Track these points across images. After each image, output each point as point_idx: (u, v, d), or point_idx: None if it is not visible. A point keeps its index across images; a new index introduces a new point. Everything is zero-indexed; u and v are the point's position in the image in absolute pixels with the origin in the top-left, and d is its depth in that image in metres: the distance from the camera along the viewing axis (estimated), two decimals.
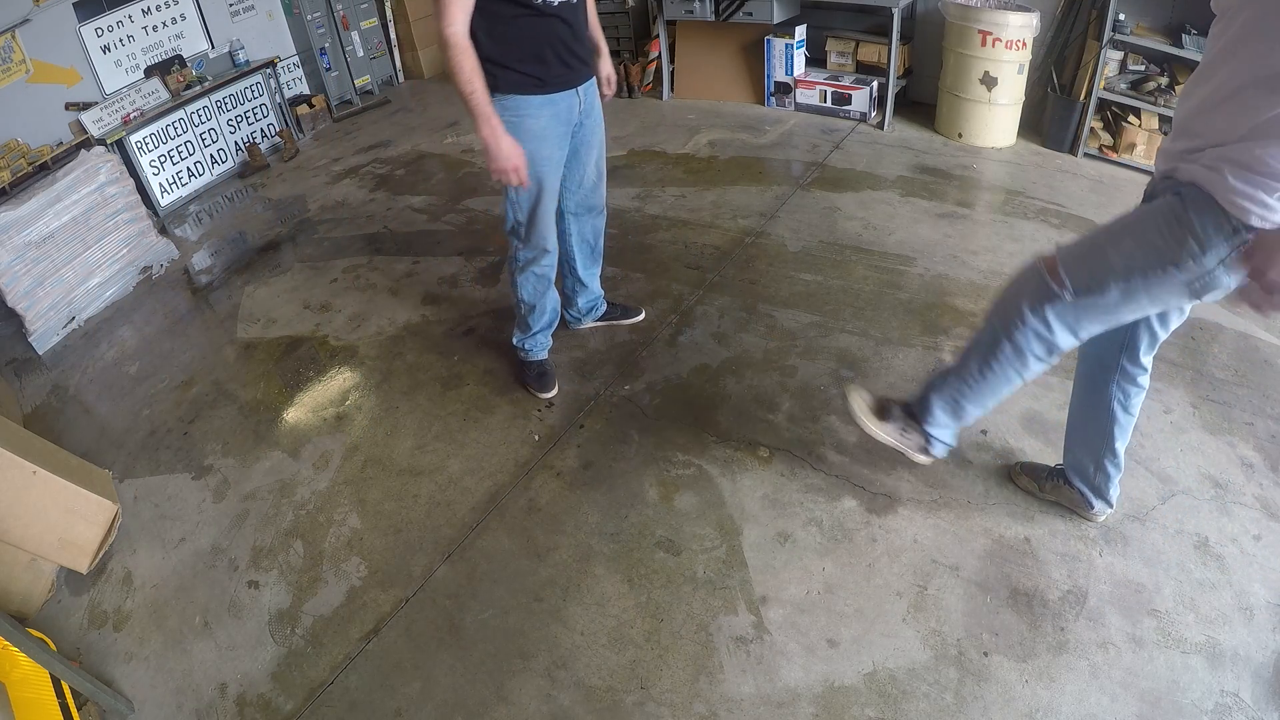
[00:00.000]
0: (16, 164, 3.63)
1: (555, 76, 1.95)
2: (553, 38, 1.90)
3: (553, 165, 2.07)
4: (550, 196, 2.12)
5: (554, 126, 2.01)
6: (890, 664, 1.60)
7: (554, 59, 1.92)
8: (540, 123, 1.97)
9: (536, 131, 1.97)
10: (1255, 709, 1.45)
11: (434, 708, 1.65)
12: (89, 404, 2.88)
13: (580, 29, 1.97)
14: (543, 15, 1.85)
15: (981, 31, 3.58)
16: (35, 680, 1.60)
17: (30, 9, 3.81)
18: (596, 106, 2.15)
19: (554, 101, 1.98)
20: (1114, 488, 1.77)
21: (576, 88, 2.02)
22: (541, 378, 2.47)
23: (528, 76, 1.90)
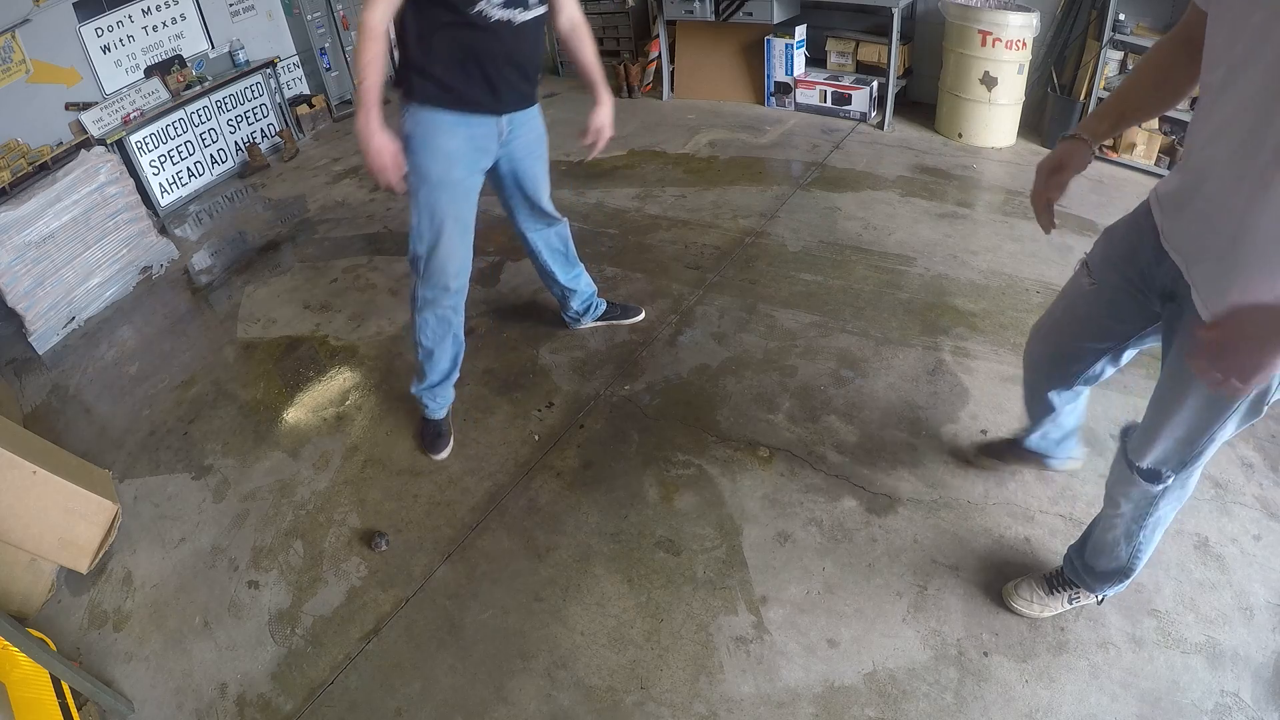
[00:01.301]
0: (16, 164, 3.63)
1: (474, 98, 1.79)
2: (481, 55, 1.74)
3: (459, 193, 1.90)
4: (457, 228, 1.94)
5: (466, 152, 1.86)
6: (890, 664, 1.60)
7: (477, 78, 1.77)
8: (452, 144, 1.82)
9: (445, 152, 1.82)
10: (1255, 709, 1.45)
11: (434, 708, 1.65)
12: (89, 404, 2.88)
13: (523, 53, 1.81)
14: (474, 28, 1.69)
15: (981, 31, 3.58)
16: (35, 680, 1.60)
17: (30, 9, 3.81)
18: (531, 137, 2.02)
19: (469, 123, 1.83)
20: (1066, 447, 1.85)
21: (500, 116, 1.86)
22: (435, 440, 2.25)
23: (444, 90, 1.77)
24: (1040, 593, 1.64)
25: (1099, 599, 1.63)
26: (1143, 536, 1.43)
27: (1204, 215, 1.07)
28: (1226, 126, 1.00)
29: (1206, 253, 1.08)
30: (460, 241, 1.98)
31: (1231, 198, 1.00)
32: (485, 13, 1.69)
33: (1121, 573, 1.50)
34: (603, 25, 5.45)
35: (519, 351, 2.70)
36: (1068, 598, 1.62)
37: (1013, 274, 2.79)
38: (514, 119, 1.93)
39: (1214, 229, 1.05)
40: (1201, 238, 1.09)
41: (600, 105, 2.07)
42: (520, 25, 1.75)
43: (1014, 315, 2.57)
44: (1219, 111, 1.01)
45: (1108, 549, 1.49)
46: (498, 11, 1.69)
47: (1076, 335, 1.48)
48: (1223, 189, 1.02)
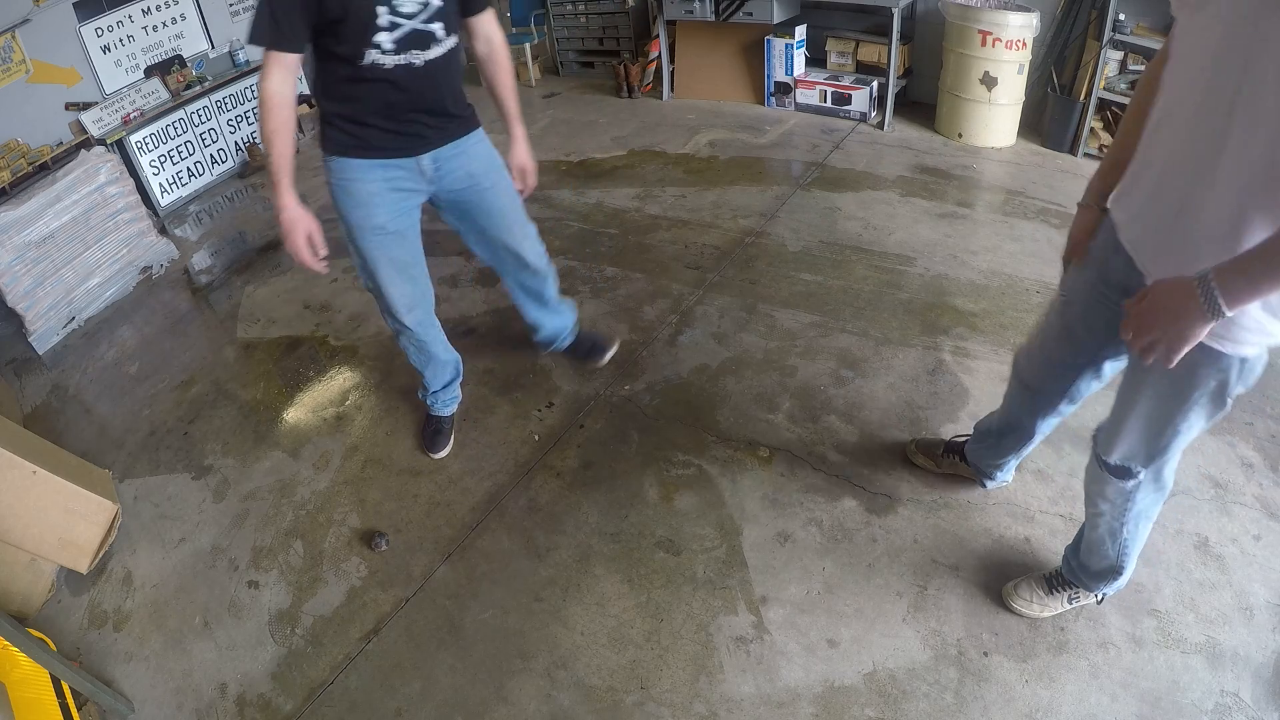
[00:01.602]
0: (16, 164, 3.63)
1: (382, 145, 1.73)
2: (380, 103, 1.67)
3: (386, 238, 1.84)
4: (393, 270, 1.90)
5: (384, 196, 1.78)
6: (890, 664, 1.60)
7: (380, 125, 1.70)
8: (367, 190, 1.76)
9: (362, 199, 1.77)
10: (1255, 709, 1.45)
11: (434, 708, 1.65)
12: (89, 404, 2.88)
13: (430, 94, 1.71)
14: (371, 78, 1.62)
15: (981, 31, 3.58)
16: (35, 680, 1.60)
17: (30, 9, 3.81)
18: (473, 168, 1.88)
19: (385, 167, 1.76)
20: (1010, 472, 1.89)
21: (417, 156, 1.78)
22: (434, 436, 2.28)
23: (351, 138, 1.71)
24: (1040, 593, 1.64)
25: (1098, 598, 1.63)
26: (1126, 533, 1.44)
27: (1151, 199, 1.12)
28: (1173, 110, 1.06)
29: (1154, 235, 1.13)
30: (401, 280, 1.93)
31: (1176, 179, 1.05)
32: (378, 63, 1.60)
33: (1113, 570, 1.51)
34: (603, 25, 5.46)
35: (519, 351, 2.69)
36: (1067, 597, 1.62)
37: (1013, 274, 2.78)
38: (439, 155, 1.81)
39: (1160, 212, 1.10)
40: (1149, 222, 1.13)
41: (515, 142, 1.98)
42: (425, 66, 1.65)
43: (1014, 315, 2.57)
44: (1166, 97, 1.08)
45: (1096, 548, 1.50)
46: (391, 59, 1.60)
47: (1056, 351, 1.50)
48: (1169, 170, 1.07)
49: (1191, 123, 1.01)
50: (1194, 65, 1.01)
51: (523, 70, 5.86)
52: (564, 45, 5.76)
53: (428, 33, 1.62)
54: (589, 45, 5.63)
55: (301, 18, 1.53)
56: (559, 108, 5.24)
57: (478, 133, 1.89)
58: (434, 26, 1.63)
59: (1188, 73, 1.02)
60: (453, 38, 1.69)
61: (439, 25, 1.63)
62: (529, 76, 5.80)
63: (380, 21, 1.55)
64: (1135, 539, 1.46)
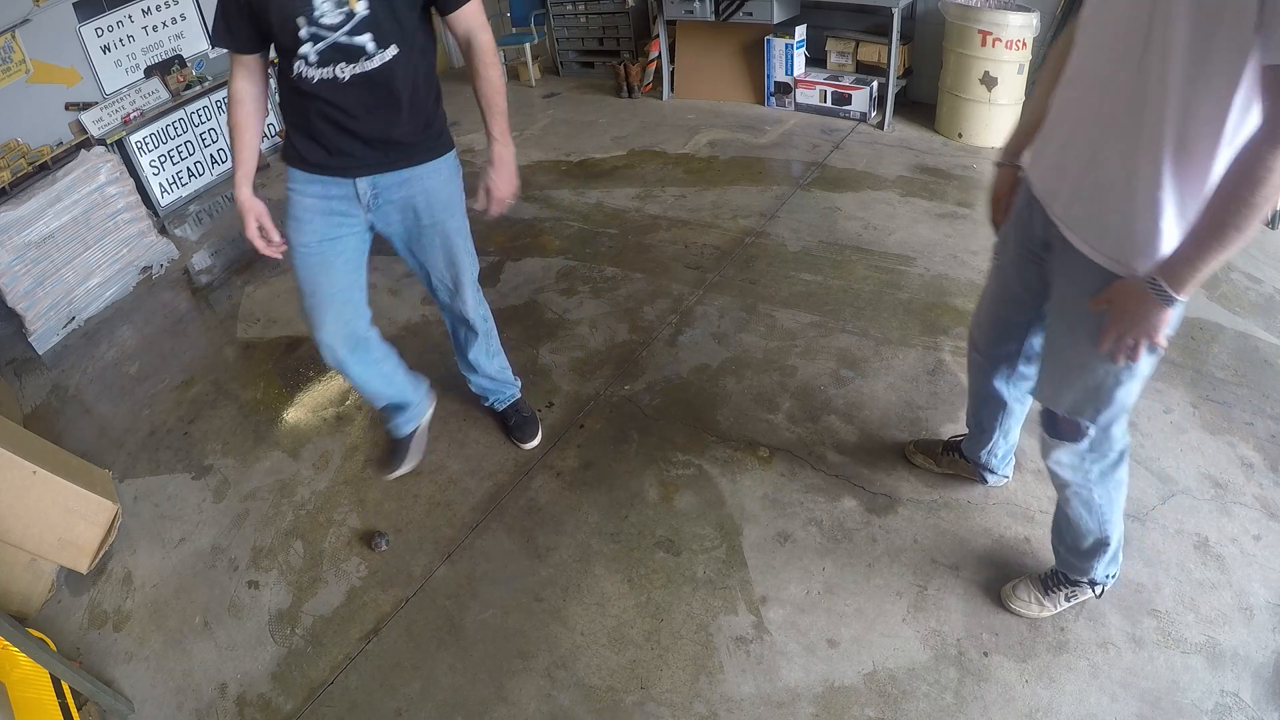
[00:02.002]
0: (16, 164, 3.63)
1: (315, 158, 1.64)
2: (316, 117, 1.58)
3: (311, 259, 1.71)
4: (312, 296, 1.75)
5: (315, 213, 1.68)
6: (890, 664, 1.60)
7: (316, 140, 1.62)
8: (300, 204, 1.68)
9: (294, 213, 1.68)
10: (1255, 709, 1.45)
11: (434, 708, 1.65)
12: (89, 404, 2.88)
13: (360, 114, 1.56)
14: (302, 91, 1.54)
15: (981, 31, 3.58)
16: (35, 680, 1.60)
17: (30, 9, 3.82)
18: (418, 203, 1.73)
19: (323, 183, 1.66)
20: (1007, 463, 1.89)
21: (353, 178, 1.64)
22: (390, 454, 2.17)
23: (291, 147, 1.66)
24: (1037, 593, 1.64)
25: (1097, 592, 1.63)
26: (1099, 497, 1.44)
27: (1063, 153, 1.20)
28: (1084, 69, 1.14)
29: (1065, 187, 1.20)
30: (316, 307, 1.75)
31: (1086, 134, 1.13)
32: (304, 75, 1.51)
33: (1100, 544, 1.52)
34: (603, 25, 5.46)
35: (519, 351, 2.70)
36: (1065, 595, 1.62)
37: None
38: (379, 182, 1.66)
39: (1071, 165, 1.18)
40: (1061, 175, 1.21)
41: (491, 159, 1.70)
42: (354, 81, 1.51)
43: None
44: (1077, 57, 1.16)
45: (1076, 524, 1.51)
46: (315, 71, 1.49)
47: (999, 313, 1.56)
48: (1080, 126, 1.15)
49: (1101, 82, 1.09)
50: (1103, 28, 1.09)
51: (523, 70, 5.86)
52: (564, 45, 5.76)
53: (354, 46, 1.48)
54: (589, 45, 5.63)
55: (248, 21, 1.51)
56: (559, 108, 5.24)
57: (437, 163, 1.71)
58: (361, 39, 1.48)
59: (1098, 36, 1.11)
60: (391, 50, 1.51)
61: (367, 37, 1.48)
62: (529, 76, 5.80)
63: (301, 34, 1.46)
64: (1111, 503, 1.46)
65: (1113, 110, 1.08)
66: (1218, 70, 0.94)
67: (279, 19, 1.46)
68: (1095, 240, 1.17)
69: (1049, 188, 1.26)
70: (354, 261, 1.78)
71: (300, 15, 1.45)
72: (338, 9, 1.45)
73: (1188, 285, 1.04)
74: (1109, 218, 1.14)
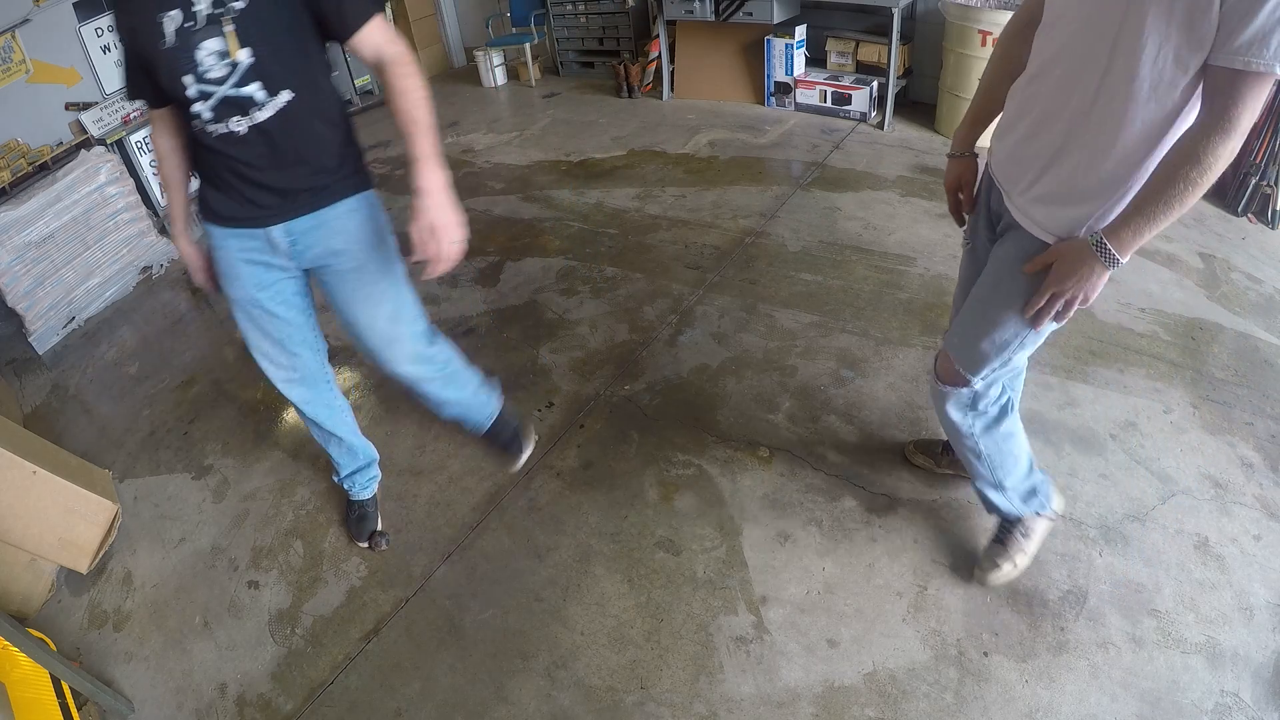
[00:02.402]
0: (16, 164, 3.63)
1: (225, 211, 1.56)
2: (222, 171, 1.51)
3: (246, 311, 1.66)
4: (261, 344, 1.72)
5: (240, 265, 1.61)
6: (890, 664, 1.60)
7: (224, 193, 1.54)
8: (226, 255, 1.61)
9: (222, 266, 1.63)
10: (1255, 709, 1.45)
11: (434, 708, 1.65)
12: (89, 404, 2.88)
13: (263, 165, 1.49)
14: (205, 145, 1.48)
15: (981, 31, 3.58)
16: (35, 680, 1.60)
17: (30, 9, 3.81)
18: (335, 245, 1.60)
19: (237, 236, 1.58)
20: None
21: (265, 227, 1.56)
22: (359, 523, 2.06)
23: (202, 202, 1.59)
24: (1001, 552, 1.68)
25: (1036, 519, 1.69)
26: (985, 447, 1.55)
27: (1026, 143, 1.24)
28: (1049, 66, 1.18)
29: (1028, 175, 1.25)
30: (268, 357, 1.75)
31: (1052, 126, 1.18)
32: (204, 129, 1.44)
33: (997, 487, 1.61)
34: (603, 25, 5.46)
35: (519, 351, 2.70)
36: (1019, 534, 1.68)
37: None
38: (293, 227, 1.57)
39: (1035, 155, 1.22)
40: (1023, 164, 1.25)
41: (419, 195, 1.42)
42: (251, 133, 1.43)
43: None
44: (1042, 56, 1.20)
45: (972, 470, 1.62)
46: (212, 126, 1.43)
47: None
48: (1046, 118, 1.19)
49: (1068, 79, 1.14)
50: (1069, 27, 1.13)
51: (523, 70, 5.87)
52: (564, 45, 5.76)
53: (243, 98, 1.40)
54: (589, 45, 5.64)
55: (147, 78, 1.44)
56: (559, 108, 5.24)
57: (351, 201, 1.59)
58: (249, 90, 1.39)
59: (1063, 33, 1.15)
60: (284, 95, 1.42)
61: (256, 86, 1.39)
62: (529, 76, 5.81)
63: (190, 93, 1.38)
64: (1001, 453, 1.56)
65: (1079, 107, 1.12)
66: (1184, 71, 1.00)
67: (168, 79, 1.39)
68: (1050, 226, 1.24)
69: (1008, 175, 1.32)
70: (296, 304, 1.71)
71: (187, 74, 1.37)
72: (221, 61, 1.36)
73: (1129, 248, 1.13)
74: (1069, 209, 1.20)
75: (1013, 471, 1.60)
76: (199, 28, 1.34)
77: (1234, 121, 0.98)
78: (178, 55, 1.36)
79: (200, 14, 1.34)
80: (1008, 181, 1.31)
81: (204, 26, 1.34)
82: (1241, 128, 0.99)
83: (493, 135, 4.79)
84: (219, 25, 1.35)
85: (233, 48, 1.35)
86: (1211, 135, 1.00)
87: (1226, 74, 0.97)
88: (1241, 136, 1.00)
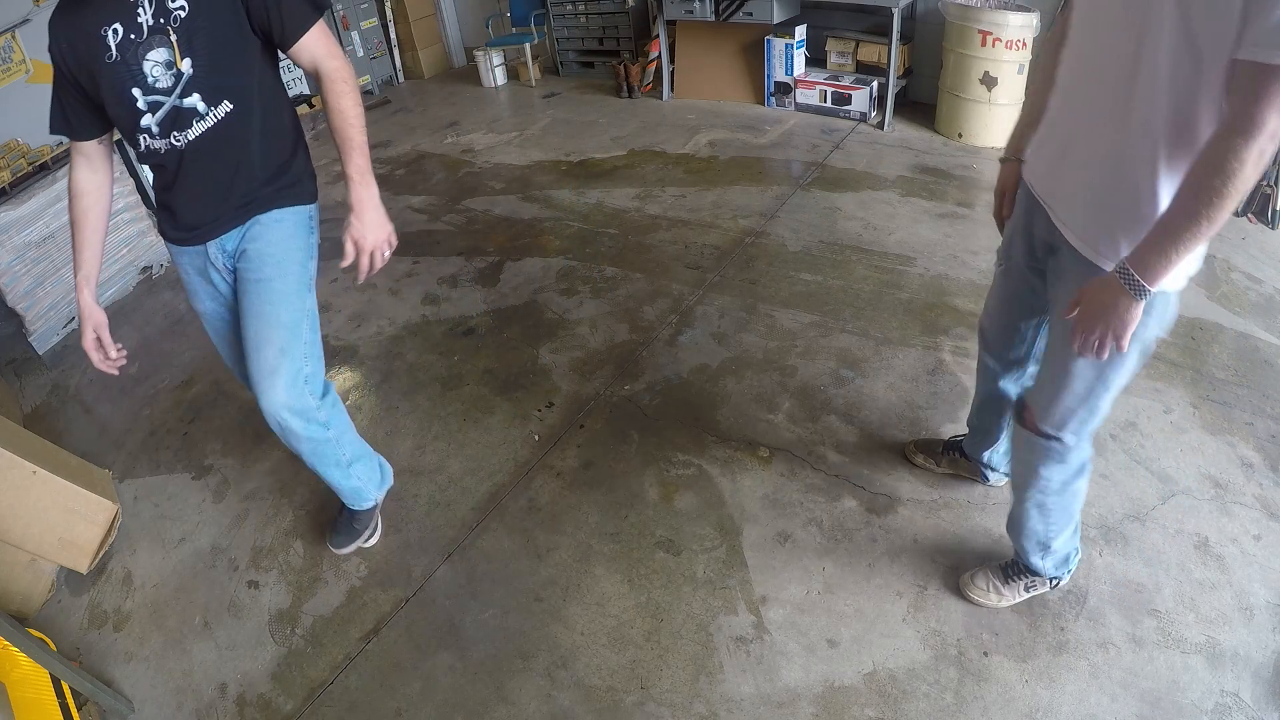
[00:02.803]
0: (16, 164, 3.62)
1: (174, 232, 1.58)
2: (170, 188, 1.52)
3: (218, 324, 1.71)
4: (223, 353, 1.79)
5: (196, 280, 1.65)
6: (890, 664, 1.60)
7: (170, 210, 1.56)
8: (186, 274, 1.66)
9: (185, 281, 1.67)
10: (1255, 709, 1.45)
11: (434, 708, 1.65)
12: (89, 404, 2.88)
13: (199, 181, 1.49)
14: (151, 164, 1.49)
15: (981, 31, 3.58)
16: (35, 680, 1.60)
17: (30, 9, 3.82)
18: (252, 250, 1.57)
19: (184, 253, 1.62)
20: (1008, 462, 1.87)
21: (203, 244, 1.56)
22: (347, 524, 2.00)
23: (159, 221, 1.63)
24: (996, 582, 1.66)
25: (1052, 583, 1.65)
26: (1054, 505, 1.47)
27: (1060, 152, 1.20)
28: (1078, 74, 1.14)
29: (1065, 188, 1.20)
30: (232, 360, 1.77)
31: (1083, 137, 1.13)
32: (150, 147, 1.44)
33: (1043, 547, 1.55)
34: (603, 25, 5.46)
35: (519, 351, 2.70)
36: (1024, 585, 1.64)
37: None
38: (223, 242, 1.57)
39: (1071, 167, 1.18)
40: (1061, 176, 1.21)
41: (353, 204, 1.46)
42: (189, 147, 1.43)
43: None
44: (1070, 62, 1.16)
45: (1025, 524, 1.54)
46: (159, 142, 1.43)
47: (1008, 318, 1.56)
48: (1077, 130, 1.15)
49: (1095, 84, 1.10)
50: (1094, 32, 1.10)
51: (523, 70, 5.87)
52: (564, 45, 5.76)
53: (185, 109, 1.40)
54: (589, 45, 5.64)
55: (82, 105, 1.43)
56: (559, 108, 5.24)
57: (281, 212, 1.58)
58: (191, 100, 1.39)
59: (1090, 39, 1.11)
60: (224, 107, 1.42)
61: (196, 98, 1.39)
62: (529, 76, 5.81)
63: (140, 105, 1.38)
64: (1064, 514, 1.50)
65: (1108, 111, 1.08)
66: (1209, 67, 0.95)
67: (113, 94, 1.36)
68: (1094, 239, 1.17)
69: (1047, 189, 1.27)
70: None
71: (135, 86, 1.36)
72: (168, 72, 1.36)
73: (1158, 275, 1.03)
74: (1106, 217, 1.14)
75: (1062, 533, 1.54)
76: (143, 39, 1.34)
77: (1258, 122, 0.90)
78: (123, 68, 1.35)
79: (144, 25, 1.33)
80: (1048, 195, 1.27)
81: (148, 37, 1.34)
82: (1269, 128, 0.90)
83: (493, 135, 4.79)
84: (164, 34, 1.34)
85: (177, 57, 1.35)
86: (1234, 138, 0.92)
87: (1249, 69, 0.90)
88: (1271, 139, 0.91)
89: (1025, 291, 1.45)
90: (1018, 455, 1.50)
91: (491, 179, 4.11)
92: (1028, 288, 1.44)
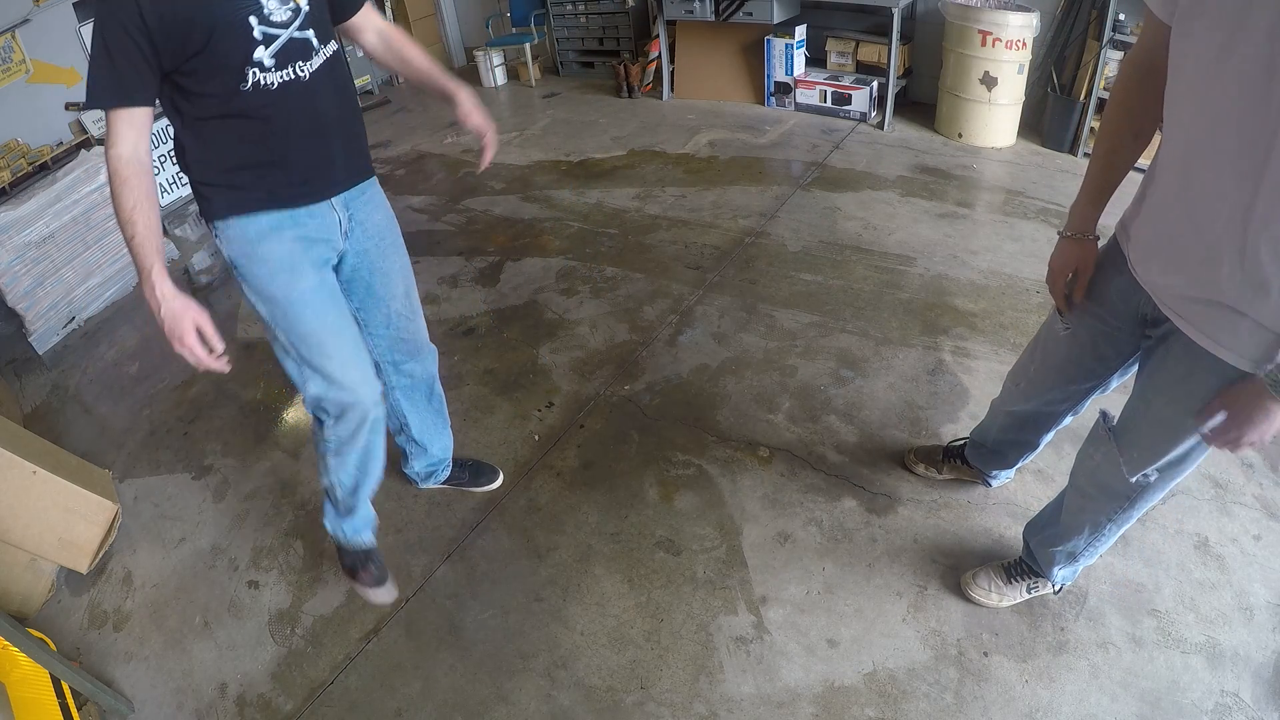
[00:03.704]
0: (16, 164, 3.63)
1: (287, 187, 1.41)
2: (275, 135, 1.37)
3: (321, 301, 1.49)
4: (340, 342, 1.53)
5: (303, 252, 1.46)
6: (890, 664, 1.60)
7: (281, 167, 1.39)
8: (282, 248, 1.43)
9: (278, 263, 1.44)
10: (1255, 709, 1.45)
11: (434, 708, 1.65)
12: (89, 404, 2.88)
13: (331, 110, 1.42)
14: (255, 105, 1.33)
15: (981, 31, 3.58)
16: (35, 680, 1.60)
17: (30, 9, 3.82)
18: (378, 219, 1.59)
19: (296, 220, 1.44)
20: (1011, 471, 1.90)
21: (330, 199, 1.46)
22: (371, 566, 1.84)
23: (243, 192, 1.40)
24: (999, 582, 1.65)
25: (1056, 589, 1.64)
26: (1108, 527, 1.43)
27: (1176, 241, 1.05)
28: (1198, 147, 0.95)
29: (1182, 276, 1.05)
30: (352, 352, 1.54)
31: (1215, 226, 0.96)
32: (261, 81, 1.31)
33: (1070, 556, 1.51)
34: (603, 25, 5.46)
35: (519, 351, 2.70)
36: (1026, 587, 1.64)
37: (1013, 274, 2.79)
38: (350, 200, 1.51)
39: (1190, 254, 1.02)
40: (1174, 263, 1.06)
41: (459, 102, 1.55)
42: (313, 79, 1.37)
43: (1014, 315, 2.57)
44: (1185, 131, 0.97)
45: (1066, 533, 1.48)
46: (274, 75, 1.32)
47: (1059, 380, 1.48)
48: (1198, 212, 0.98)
49: (1225, 164, 0.92)
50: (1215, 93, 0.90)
51: (523, 70, 5.87)
52: (564, 45, 5.76)
53: (305, 41, 1.35)
54: (589, 45, 5.64)
55: (150, 61, 1.26)
56: (559, 108, 5.24)
57: (377, 184, 1.62)
58: (308, 34, 1.35)
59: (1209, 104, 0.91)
60: (331, 45, 1.40)
61: (311, 33, 1.36)
62: (529, 76, 5.81)
63: (255, 34, 1.28)
64: (1113, 536, 1.46)
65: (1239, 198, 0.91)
66: None
67: (226, 24, 1.25)
68: (1226, 339, 1.03)
69: (1159, 281, 1.11)
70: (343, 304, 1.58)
71: (251, 14, 1.27)
72: (283, 5, 1.31)
73: None
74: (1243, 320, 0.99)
75: (1099, 551, 1.49)
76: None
77: None
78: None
79: None
80: (1160, 287, 1.10)
81: None
82: None
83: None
84: None
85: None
86: None
87: None
88: None
89: (1092, 358, 1.37)
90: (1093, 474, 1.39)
91: (491, 179, 4.11)
92: (1095, 356, 1.36)
